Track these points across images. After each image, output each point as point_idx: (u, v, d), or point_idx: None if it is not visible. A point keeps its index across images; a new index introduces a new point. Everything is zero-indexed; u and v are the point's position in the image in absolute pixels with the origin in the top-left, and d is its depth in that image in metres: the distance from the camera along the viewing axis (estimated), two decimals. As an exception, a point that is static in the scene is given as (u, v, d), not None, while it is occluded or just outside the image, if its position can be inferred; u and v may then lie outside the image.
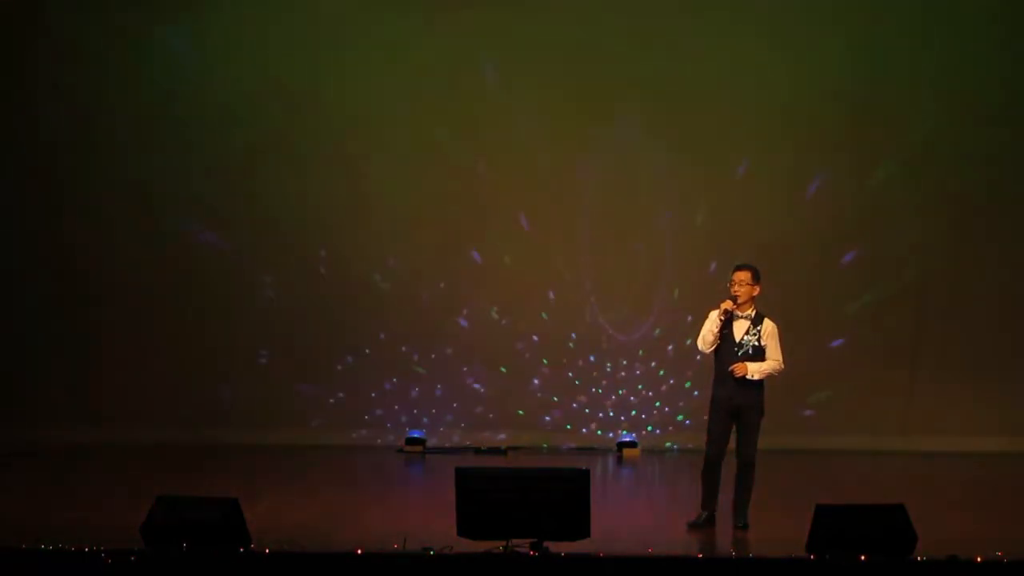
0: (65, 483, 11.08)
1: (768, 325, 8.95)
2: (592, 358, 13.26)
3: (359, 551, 7.55)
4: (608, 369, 13.26)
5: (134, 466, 11.88)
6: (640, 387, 13.26)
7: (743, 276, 8.89)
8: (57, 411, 13.12)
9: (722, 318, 8.83)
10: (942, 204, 12.99)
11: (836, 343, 13.08)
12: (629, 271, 13.13)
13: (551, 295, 13.23)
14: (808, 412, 13.05)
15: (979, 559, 7.45)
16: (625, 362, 13.24)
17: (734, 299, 8.85)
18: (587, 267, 13.18)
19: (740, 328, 8.90)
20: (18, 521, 8.88)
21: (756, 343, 8.90)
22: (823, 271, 13.05)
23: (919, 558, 7.43)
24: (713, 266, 12.56)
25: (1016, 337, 13.05)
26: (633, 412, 13.27)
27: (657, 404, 13.25)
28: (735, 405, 8.88)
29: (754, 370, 8.83)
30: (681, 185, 13.03)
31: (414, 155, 13.13)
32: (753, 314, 8.94)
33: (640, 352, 13.22)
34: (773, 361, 8.92)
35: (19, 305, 13.26)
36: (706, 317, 8.99)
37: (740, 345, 8.89)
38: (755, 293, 8.93)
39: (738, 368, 8.81)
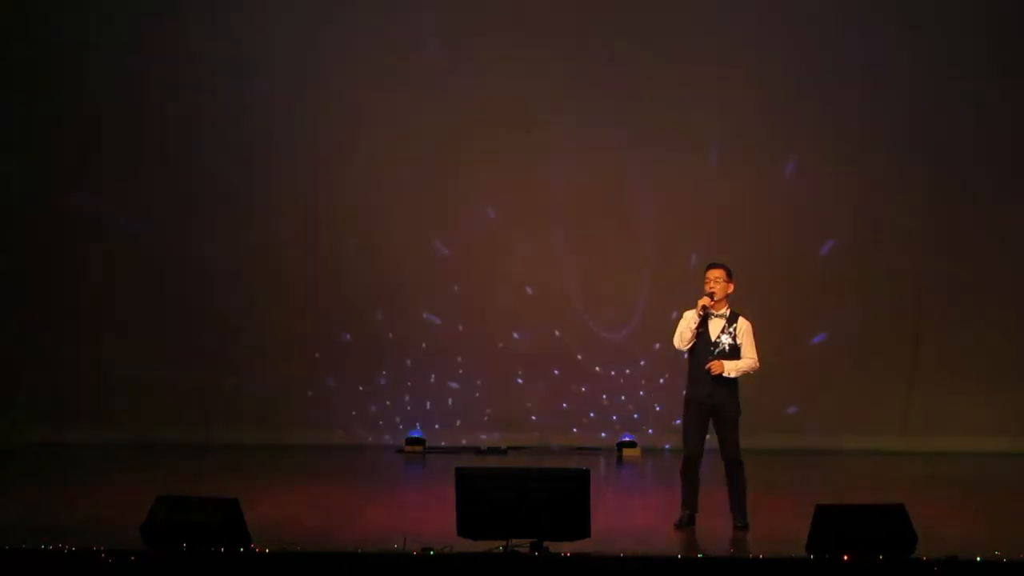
0: (65, 483, 11.08)
1: (743, 323, 8.96)
2: (593, 357, 13.25)
3: (359, 551, 7.56)
4: (609, 369, 13.25)
5: (134, 466, 11.88)
6: (640, 386, 13.25)
7: (718, 274, 8.91)
8: (57, 411, 13.12)
9: (700, 314, 8.84)
10: (943, 203, 12.98)
11: (837, 344, 13.07)
12: (631, 270, 13.12)
13: (552, 294, 13.22)
14: (808, 412, 13.04)
15: (979, 559, 7.45)
16: (626, 361, 13.24)
17: (711, 295, 8.85)
18: (587, 265, 13.18)
19: (715, 327, 8.91)
20: (18, 521, 8.89)
21: (732, 341, 8.91)
22: (822, 271, 13.04)
23: (919, 558, 7.43)
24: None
25: (1016, 337, 13.04)
26: (633, 412, 13.28)
27: (656, 405, 13.25)
28: (712, 404, 8.89)
29: (730, 368, 8.84)
30: (675, 183, 13.02)
31: (413, 157, 13.13)
32: (728, 312, 8.94)
33: (637, 350, 13.21)
34: (749, 359, 8.93)
35: (19, 305, 13.26)
36: (683, 316, 8.99)
37: (716, 343, 8.89)
38: (729, 291, 8.94)
39: (714, 366, 8.80)
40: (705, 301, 8.84)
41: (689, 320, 8.88)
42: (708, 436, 9.00)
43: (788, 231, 13.01)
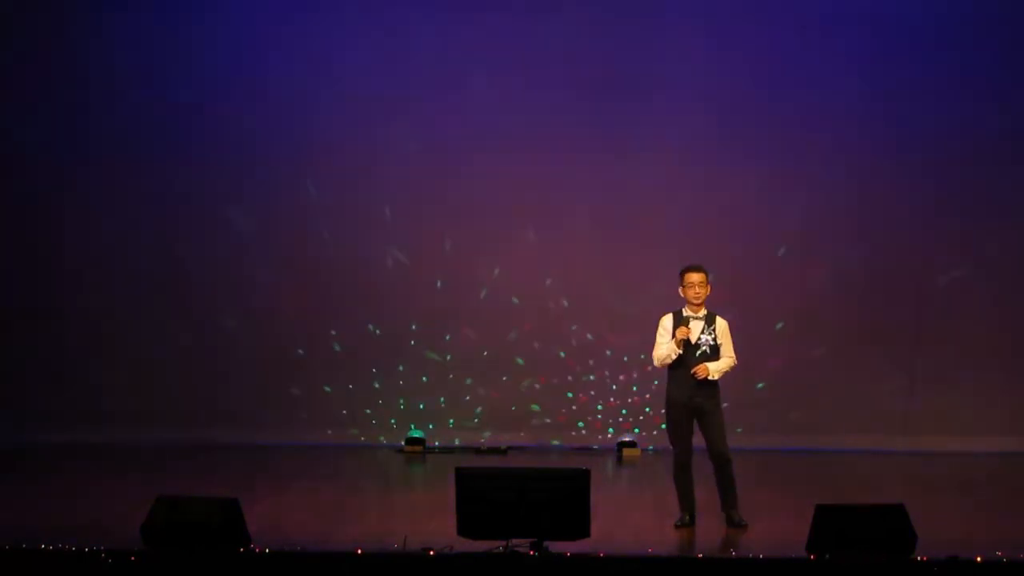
0: (65, 483, 11.08)
1: (721, 323, 8.97)
2: (593, 357, 13.25)
3: (359, 551, 7.56)
4: (609, 369, 13.25)
5: (134, 466, 11.88)
6: (640, 386, 13.25)
7: (700, 277, 8.87)
8: (57, 411, 13.11)
9: (680, 350, 8.81)
10: (942, 203, 12.98)
11: (837, 344, 13.06)
12: (630, 269, 13.12)
13: (551, 295, 13.23)
14: (808, 412, 13.03)
15: (979, 559, 7.45)
16: (626, 361, 13.24)
17: (686, 324, 8.83)
18: (587, 265, 13.17)
19: (696, 329, 8.90)
20: (18, 521, 8.89)
21: (712, 342, 8.91)
22: (822, 271, 13.04)
23: (919, 558, 7.43)
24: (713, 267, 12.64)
25: (1016, 337, 13.04)
26: (633, 413, 13.28)
27: (655, 405, 13.25)
28: (695, 405, 8.88)
29: (714, 370, 8.85)
30: (676, 186, 13.02)
31: (413, 156, 13.13)
32: (705, 313, 8.94)
33: (642, 356, 13.20)
34: (728, 359, 8.96)
35: (18, 306, 13.25)
36: (660, 325, 8.99)
37: (697, 346, 8.90)
38: (707, 293, 8.92)
39: (700, 371, 8.80)
40: (684, 333, 8.78)
41: (671, 346, 8.84)
42: (695, 437, 9.00)
43: (787, 232, 13.00)
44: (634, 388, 13.24)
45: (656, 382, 13.03)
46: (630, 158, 13.02)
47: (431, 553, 7.52)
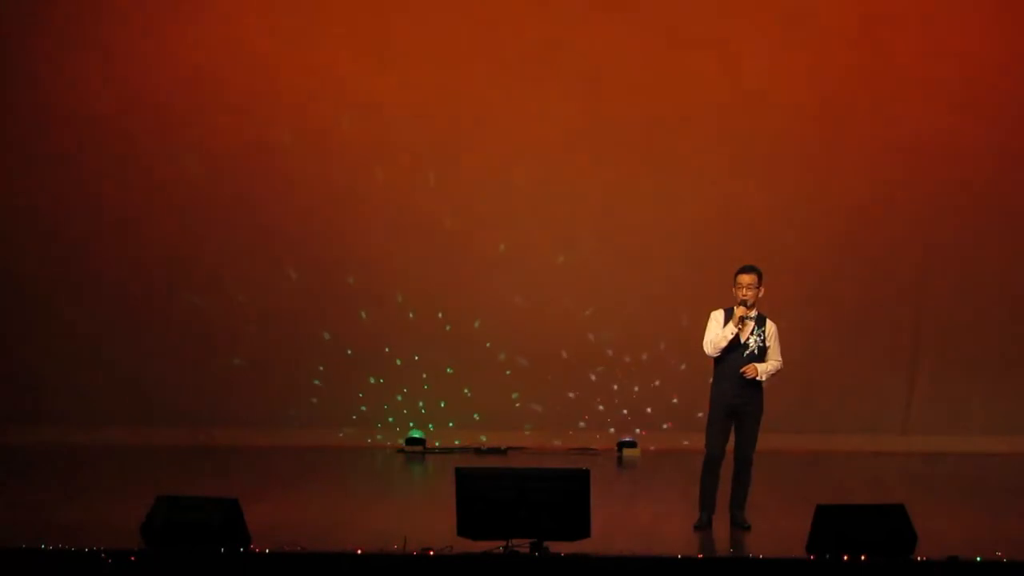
0: (65, 483, 11.08)
1: (771, 326, 9.01)
2: (593, 358, 13.24)
3: (359, 551, 7.56)
4: (609, 369, 13.24)
5: (134, 466, 11.89)
6: (639, 387, 13.25)
7: (751, 279, 8.89)
8: (57, 411, 13.12)
9: (739, 327, 8.84)
10: (943, 202, 12.97)
11: (837, 343, 13.06)
12: (630, 273, 13.11)
13: (551, 295, 13.21)
14: (808, 412, 13.03)
15: (979, 559, 7.46)
16: (626, 361, 13.22)
17: (745, 303, 8.85)
18: (587, 267, 13.16)
19: (745, 329, 8.93)
20: (18, 521, 8.90)
21: (761, 344, 8.94)
22: (822, 270, 13.03)
23: (919, 558, 7.43)
24: (708, 263, 12.64)
25: (1017, 337, 13.03)
26: (632, 413, 13.28)
27: (650, 405, 13.27)
28: (737, 405, 8.92)
29: (762, 371, 8.89)
30: (675, 182, 13.01)
31: (405, 155, 13.11)
32: (756, 315, 8.95)
33: (644, 356, 13.20)
34: (775, 361, 8.99)
35: (18, 305, 13.25)
36: (708, 318, 9.01)
37: (746, 346, 8.92)
38: (760, 295, 8.94)
39: (749, 370, 8.85)
40: (742, 311, 8.84)
41: (726, 331, 8.87)
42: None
43: (787, 230, 12.99)
44: (639, 385, 13.24)
45: (666, 377, 13.07)
46: (637, 154, 12.96)
47: (431, 553, 7.52)
